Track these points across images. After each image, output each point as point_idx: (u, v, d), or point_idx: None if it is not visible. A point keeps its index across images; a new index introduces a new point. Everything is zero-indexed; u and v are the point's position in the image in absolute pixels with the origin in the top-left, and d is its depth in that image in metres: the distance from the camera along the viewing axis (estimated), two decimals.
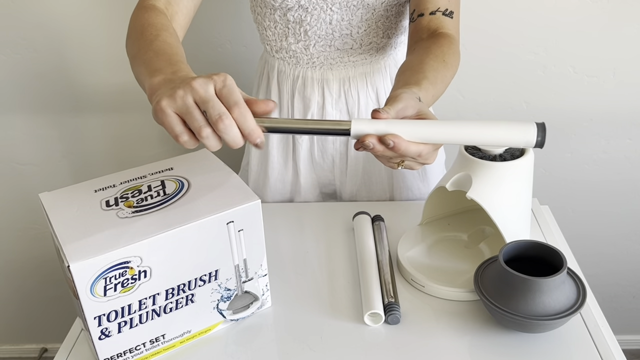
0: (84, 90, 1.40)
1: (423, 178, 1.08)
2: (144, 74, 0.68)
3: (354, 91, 1.00)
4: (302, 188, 1.08)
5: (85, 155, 1.50)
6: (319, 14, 0.92)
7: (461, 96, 1.40)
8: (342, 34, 0.94)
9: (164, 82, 0.64)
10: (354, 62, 0.98)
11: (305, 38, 0.95)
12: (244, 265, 0.73)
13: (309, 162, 1.06)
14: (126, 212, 0.67)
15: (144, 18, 0.79)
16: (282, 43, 0.96)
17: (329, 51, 0.96)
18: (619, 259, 1.63)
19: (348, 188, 1.08)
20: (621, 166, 1.48)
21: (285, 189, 1.09)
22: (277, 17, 0.94)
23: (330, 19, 0.92)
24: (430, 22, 0.86)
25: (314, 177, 1.07)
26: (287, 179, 1.08)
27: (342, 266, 0.87)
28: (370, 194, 1.08)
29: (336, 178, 1.08)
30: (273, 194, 1.09)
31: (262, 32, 0.99)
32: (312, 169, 1.07)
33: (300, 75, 0.99)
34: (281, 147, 1.06)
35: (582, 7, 1.28)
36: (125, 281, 0.64)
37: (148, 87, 0.65)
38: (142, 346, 0.70)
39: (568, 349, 0.71)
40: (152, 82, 0.65)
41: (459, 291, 0.79)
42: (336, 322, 0.77)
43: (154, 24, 0.77)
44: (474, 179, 0.79)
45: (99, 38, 1.34)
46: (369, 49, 0.97)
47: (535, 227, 0.95)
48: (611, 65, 1.34)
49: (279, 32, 0.95)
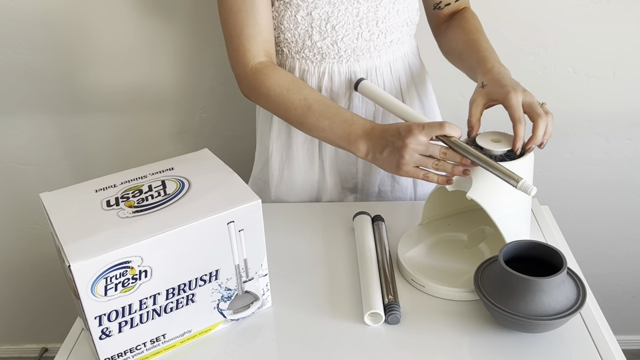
0: (84, 90, 1.41)
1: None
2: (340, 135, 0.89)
3: (380, 81, 1.01)
4: (328, 185, 1.08)
5: (85, 155, 1.50)
6: (346, 7, 0.94)
7: (461, 97, 1.40)
8: (369, 25, 0.96)
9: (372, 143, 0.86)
10: (379, 52, 0.99)
11: (332, 34, 0.95)
12: (245, 265, 0.73)
13: (334, 158, 1.06)
14: (127, 212, 0.68)
15: (274, 84, 0.93)
16: (304, 42, 0.96)
17: (356, 43, 0.97)
18: (618, 259, 1.63)
19: (372, 178, 1.09)
20: (621, 166, 1.48)
21: (313, 189, 1.09)
22: (299, 17, 0.94)
23: (357, 11, 0.94)
24: (455, 6, 1.06)
25: (338, 172, 1.08)
26: (314, 179, 1.08)
27: (342, 266, 0.88)
28: (393, 182, 1.09)
29: (359, 170, 1.08)
30: (300, 195, 1.09)
31: (281, 35, 0.97)
32: (336, 165, 1.07)
33: (327, 71, 0.99)
34: (306, 147, 1.06)
35: (582, 7, 1.28)
36: (126, 281, 0.64)
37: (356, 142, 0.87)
38: (143, 346, 0.70)
39: (568, 349, 0.71)
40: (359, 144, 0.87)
41: (459, 291, 0.79)
42: (336, 322, 0.77)
43: (288, 89, 0.93)
44: (474, 179, 0.80)
45: (99, 38, 1.34)
46: (392, 37, 0.99)
47: (535, 227, 0.95)
48: (611, 66, 1.35)
49: (300, 33, 0.95)
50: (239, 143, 1.49)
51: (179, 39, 1.35)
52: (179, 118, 1.45)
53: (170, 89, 1.41)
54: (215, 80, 1.40)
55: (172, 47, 1.36)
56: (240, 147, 1.49)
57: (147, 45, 1.35)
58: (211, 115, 1.45)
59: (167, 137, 1.47)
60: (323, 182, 1.08)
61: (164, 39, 1.35)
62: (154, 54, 1.36)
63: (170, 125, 1.46)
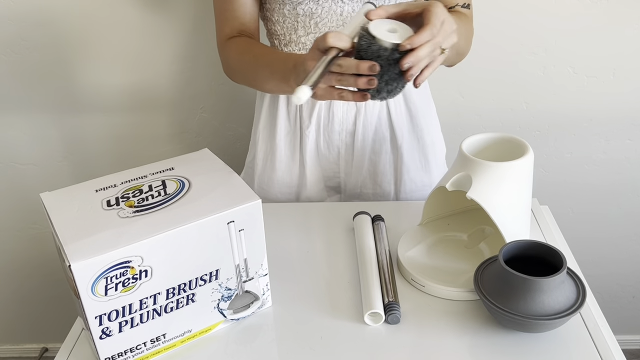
0: (84, 90, 1.41)
1: (426, 170, 1.10)
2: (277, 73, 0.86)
3: None
4: (307, 181, 1.08)
5: (85, 155, 1.50)
6: (329, 6, 0.94)
7: (461, 97, 1.40)
8: None
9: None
10: None
11: (315, 30, 0.96)
12: (245, 264, 0.73)
13: (314, 153, 1.06)
14: (127, 211, 0.68)
15: (233, 52, 0.97)
16: (291, 36, 0.98)
17: None
18: (618, 259, 1.63)
19: (353, 179, 1.09)
20: (621, 166, 1.48)
21: (293, 182, 1.09)
22: (286, 11, 0.96)
23: (341, 10, 0.94)
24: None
25: (319, 169, 1.08)
26: (294, 172, 1.08)
27: (342, 266, 0.88)
28: (375, 185, 1.09)
29: (341, 170, 1.08)
30: (280, 187, 1.09)
31: (271, 27, 1.01)
32: (317, 161, 1.07)
33: None
34: (288, 139, 1.06)
35: (582, 7, 1.28)
36: (126, 281, 0.64)
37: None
38: (143, 345, 0.70)
39: (568, 349, 0.71)
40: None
41: (459, 291, 0.79)
42: (336, 322, 0.77)
43: (242, 52, 0.95)
44: (474, 179, 0.80)
45: (99, 38, 1.34)
46: None
47: (535, 227, 0.95)
48: (611, 66, 1.35)
49: (287, 26, 0.97)
50: (239, 143, 1.49)
51: (179, 38, 1.35)
52: (179, 118, 1.45)
53: (170, 89, 1.41)
54: (215, 80, 1.40)
55: (172, 47, 1.36)
56: (240, 147, 1.49)
57: (147, 45, 1.35)
58: (211, 115, 1.45)
59: (167, 137, 1.47)
60: (303, 177, 1.08)
61: (164, 39, 1.35)
62: (154, 54, 1.36)
63: (170, 125, 1.46)
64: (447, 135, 1.18)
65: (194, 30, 1.34)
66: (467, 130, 1.43)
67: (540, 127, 1.43)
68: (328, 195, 1.12)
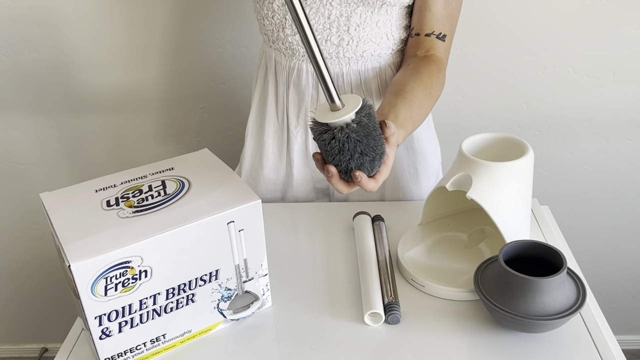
0: (84, 90, 1.41)
1: (415, 181, 1.08)
2: None
3: (347, 88, 1.00)
4: (295, 181, 1.07)
5: (85, 155, 1.50)
6: (317, 7, 0.92)
7: (461, 97, 1.40)
8: (339, 30, 0.94)
9: None
10: (348, 59, 0.97)
11: None
12: (245, 265, 0.73)
13: (302, 156, 1.06)
14: (127, 212, 0.68)
15: None
16: (278, 34, 0.97)
17: (325, 46, 0.96)
18: (618, 259, 1.63)
19: None
20: (621, 166, 1.48)
21: (279, 180, 1.09)
22: (275, 6, 0.94)
23: (329, 13, 0.92)
24: (424, 42, 0.95)
25: (308, 171, 1.07)
26: (281, 171, 1.08)
27: (342, 266, 0.88)
28: (361, 192, 1.08)
29: None
30: (266, 184, 1.09)
31: (261, 20, 1.00)
32: (305, 164, 1.07)
33: (296, 68, 0.99)
34: (276, 138, 1.06)
35: (582, 7, 1.28)
36: (126, 281, 0.64)
37: None
38: (143, 346, 0.70)
39: (568, 349, 0.71)
40: None
41: (459, 291, 0.79)
42: (336, 322, 0.77)
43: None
44: (474, 179, 0.80)
45: (99, 38, 1.34)
46: (365, 48, 0.97)
47: (535, 227, 0.95)
48: (611, 66, 1.35)
49: (276, 22, 0.96)
50: (239, 143, 1.49)
51: (180, 39, 1.35)
52: (179, 118, 1.45)
53: (171, 89, 1.41)
54: (215, 80, 1.40)
55: (172, 47, 1.36)
56: (240, 147, 1.48)
57: (148, 45, 1.35)
58: (211, 115, 1.45)
59: (167, 137, 1.47)
60: (290, 176, 1.07)
61: (164, 39, 1.35)
62: (154, 54, 1.36)
63: (170, 125, 1.46)
64: (447, 135, 1.18)
65: (194, 31, 1.34)
66: (467, 130, 1.43)
67: (540, 127, 1.43)
68: (317, 197, 1.11)
